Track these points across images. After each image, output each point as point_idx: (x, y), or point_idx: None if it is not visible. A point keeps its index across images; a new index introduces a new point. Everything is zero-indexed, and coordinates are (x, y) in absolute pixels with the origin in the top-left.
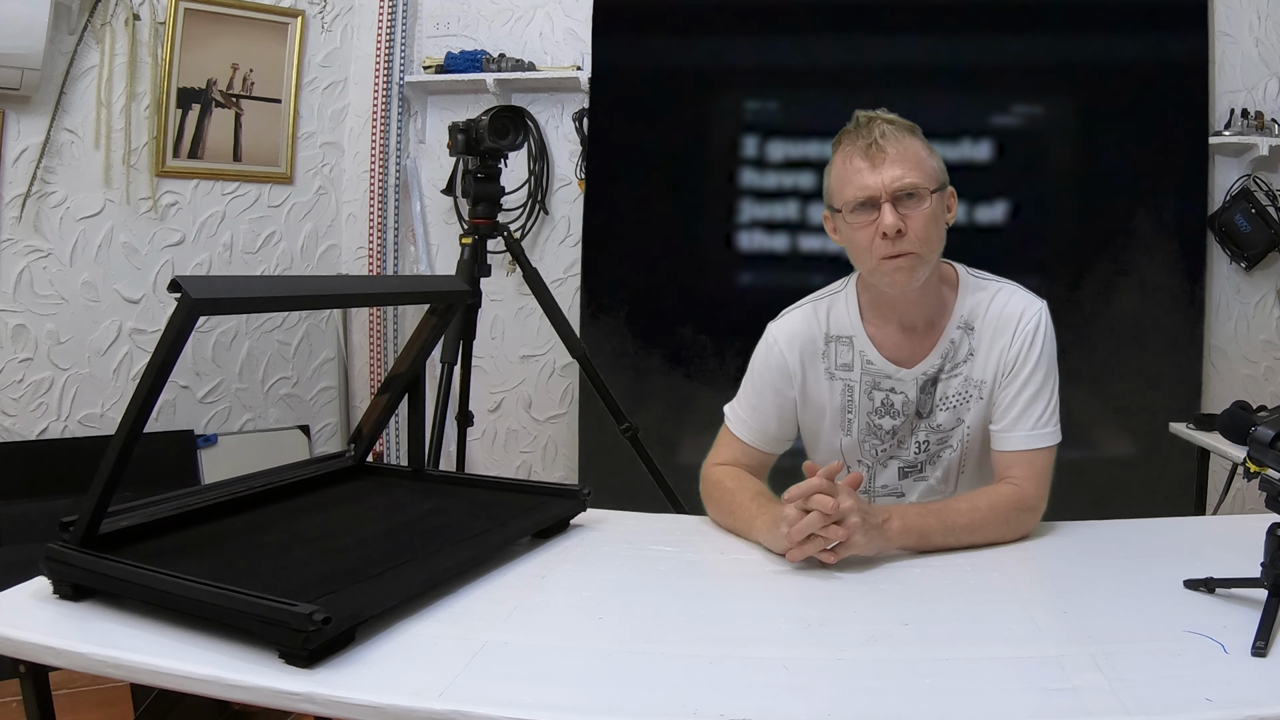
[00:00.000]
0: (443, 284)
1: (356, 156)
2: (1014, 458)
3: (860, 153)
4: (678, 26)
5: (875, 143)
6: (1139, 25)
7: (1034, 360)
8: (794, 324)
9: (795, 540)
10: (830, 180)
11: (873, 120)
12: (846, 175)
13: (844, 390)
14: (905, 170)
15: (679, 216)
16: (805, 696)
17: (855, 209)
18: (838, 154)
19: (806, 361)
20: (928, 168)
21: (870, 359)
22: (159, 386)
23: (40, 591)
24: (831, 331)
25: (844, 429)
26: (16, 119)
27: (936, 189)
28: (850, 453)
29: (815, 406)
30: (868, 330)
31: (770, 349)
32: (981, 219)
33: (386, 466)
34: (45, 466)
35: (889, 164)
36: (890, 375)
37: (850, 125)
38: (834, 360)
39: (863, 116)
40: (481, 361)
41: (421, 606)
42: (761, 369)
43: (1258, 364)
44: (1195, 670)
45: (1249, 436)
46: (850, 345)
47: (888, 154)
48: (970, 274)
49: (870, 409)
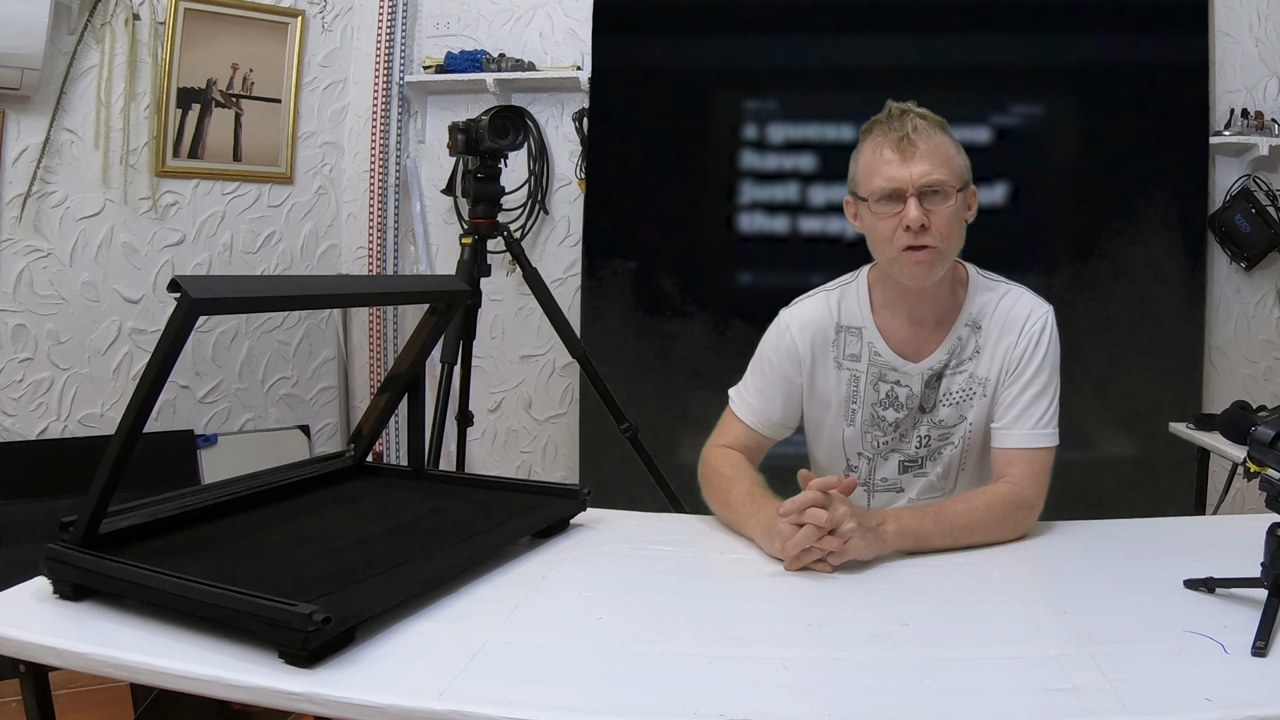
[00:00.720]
0: (443, 284)
1: (356, 156)
2: (1013, 455)
3: (892, 144)
4: (678, 26)
5: (907, 136)
6: (1139, 25)
7: (1038, 361)
8: (807, 311)
9: (791, 555)
10: (857, 167)
11: (906, 113)
12: (875, 165)
13: (850, 380)
14: (934, 166)
15: (679, 216)
16: (805, 696)
17: (881, 199)
18: (867, 142)
19: (817, 349)
20: (955, 166)
21: (878, 351)
22: (159, 386)
23: (40, 591)
24: (843, 321)
25: (847, 419)
26: (16, 119)
27: (961, 187)
28: (852, 444)
29: (821, 395)
30: (877, 322)
31: (782, 335)
32: (981, 218)
33: (386, 466)
34: (45, 466)
35: (919, 159)
36: (897, 368)
37: (882, 115)
38: (843, 350)
39: (895, 108)
40: (481, 361)
41: (421, 606)
42: (772, 354)
43: (1258, 364)
44: (1195, 670)
45: (1249, 436)
46: (859, 336)
47: (918, 149)
48: (981, 274)
49: (875, 400)
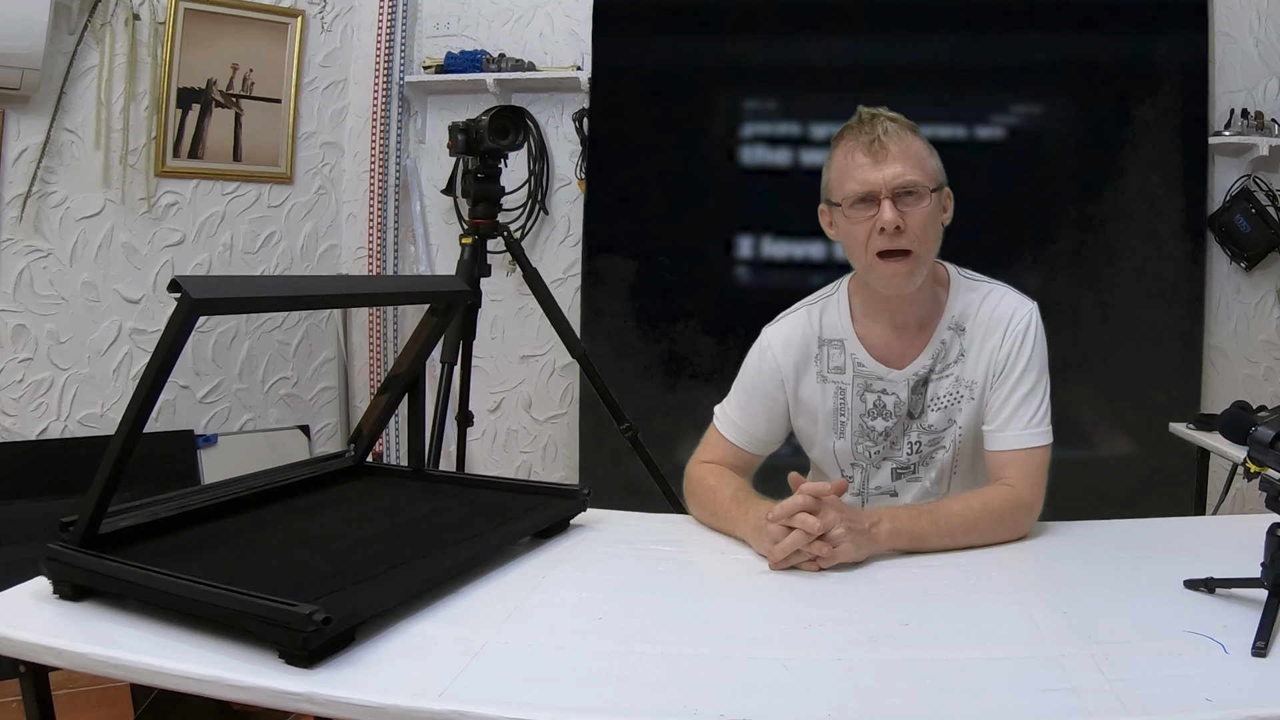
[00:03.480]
0: (443, 284)
1: (356, 156)
2: (1008, 457)
3: (863, 148)
4: (678, 26)
5: (878, 139)
6: (1139, 25)
7: (1025, 360)
8: (787, 329)
9: (778, 557)
10: (830, 174)
11: (875, 117)
12: (848, 169)
13: (836, 393)
14: (906, 168)
15: (679, 216)
16: (805, 697)
17: (855, 204)
18: (839, 148)
19: (800, 366)
20: (928, 167)
21: (861, 361)
22: (159, 386)
23: (40, 591)
24: (824, 335)
25: (837, 432)
26: (16, 119)
27: (935, 188)
28: (843, 455)
29: (808, 411)
30: (858, 331)
31: (764, 353)
32: (981, 218)
33: (386, 466)
34: (45, 466)
35: (891, 161)
36: (881, 376)
37: (853, 121)
38: (826, 364)
39: (865, 113)
40: (481, 361)
41: (421, 606)
42: (754, 373)
43: (1258, 364)
44: (1195, 670)
45: (1249, 436)
46: (842, 348)
47: (890, 151)
48: (962, 274)
49: (863, 411)
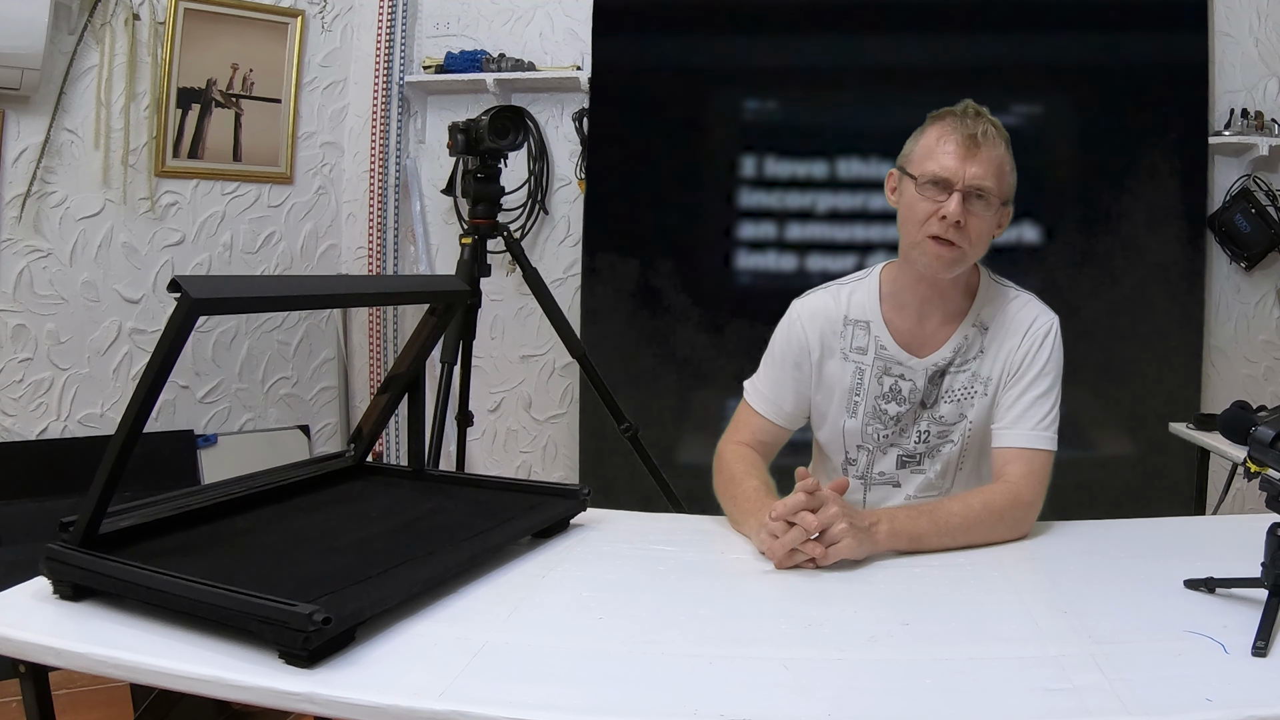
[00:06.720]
0: (443, 284)
1: (356, 156)
2: (1012, 454)
3: (959, 138)
4: (678, 26)
5: (975, 136)
6: (1139, 25)
7: (1040, 365)
8: (816, 303)
9: (777, 555)
10: (915, 147)
11: (981, 115)
12: (935, 150)
13: (855, 372)
14: (988, 173)
15: (679, 216)
16: (805, 697)
17: (928, 183)
18: (934, 127)
19: (825, 340)
20: (1005, 181)
21: (884, 344)
22: (159, 386)
23: (40, 591)
24: (851, 315)
25: (849, 411)
26: (16, 119)
27: (1003, 202)
28: (852, 435)
29: (827, 386)
30: (885, 316)
31: (792, 324)
32: None
33: (386, 466)
34: (45, 466)
35: (978, 161)
36: (902, 362)
37: (958, 108)
38: (850, 342)
39: (972, 108)
40: (481, 361)
41: (421, 606)
42: (783, 343)
43: (1258, 364)
44: (1195, 670)
45: (1249, 436)
46: (867, 330)
47: (981, 152)
48: (993, 278)
49: (878, 393)
